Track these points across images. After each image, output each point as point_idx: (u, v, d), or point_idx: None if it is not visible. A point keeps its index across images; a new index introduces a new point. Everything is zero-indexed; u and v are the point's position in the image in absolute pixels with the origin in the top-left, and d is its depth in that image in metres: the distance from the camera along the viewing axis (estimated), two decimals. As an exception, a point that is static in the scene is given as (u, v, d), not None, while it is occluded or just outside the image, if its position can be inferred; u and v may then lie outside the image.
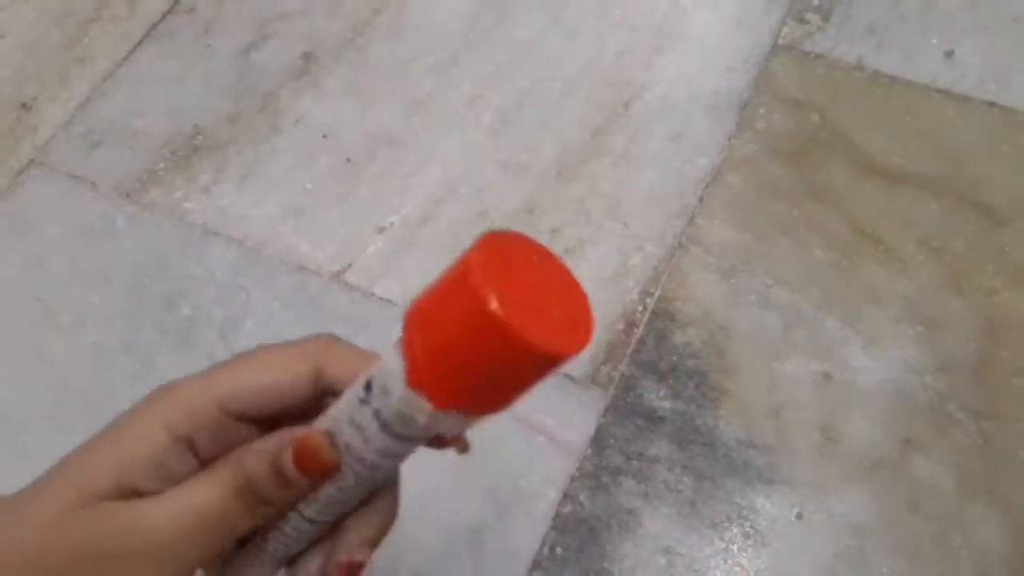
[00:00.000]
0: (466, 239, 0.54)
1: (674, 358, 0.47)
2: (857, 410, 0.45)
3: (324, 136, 0.56)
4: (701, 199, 0.52)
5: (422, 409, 0.21)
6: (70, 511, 0.23)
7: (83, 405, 0.46)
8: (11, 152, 0.56)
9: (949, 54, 0.57)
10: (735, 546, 0.42)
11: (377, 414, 0.22)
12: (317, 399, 0.25)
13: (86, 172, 0.55)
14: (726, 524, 0.42)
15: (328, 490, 0.24)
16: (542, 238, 0.52)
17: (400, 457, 0.24)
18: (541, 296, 0.21)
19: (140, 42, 0.61)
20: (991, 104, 0.54)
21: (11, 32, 0.62)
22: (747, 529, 0.42)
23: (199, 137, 0.56)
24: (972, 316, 0.47)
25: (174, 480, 0.24)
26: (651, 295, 0.49)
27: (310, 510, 0.25)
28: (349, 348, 0.25)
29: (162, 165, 0.55)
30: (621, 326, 0.48)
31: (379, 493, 0.26)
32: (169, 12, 0.62)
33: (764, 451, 0.44)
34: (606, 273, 0.49)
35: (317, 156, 0.55)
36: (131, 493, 0.23)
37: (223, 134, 0.56)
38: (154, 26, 0.62)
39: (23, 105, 0.58)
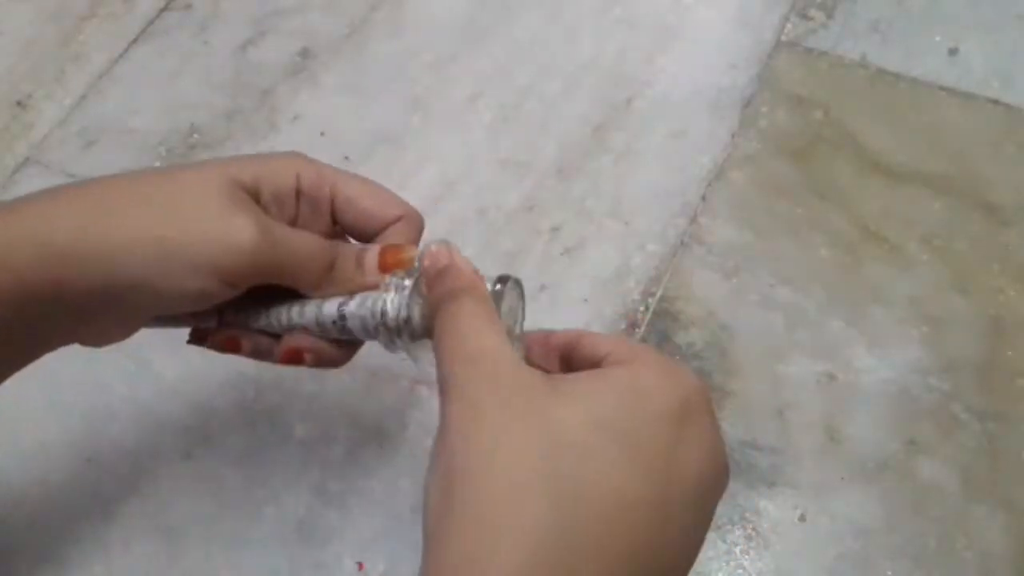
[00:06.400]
0: (466, 238, 0.54)
1: (677, 359, 0.46)
2: (861, 411, 0.44)
3: (322, 134, 0.55)
4: (704, 197, 0.51)
5: None
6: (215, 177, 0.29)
7: (76, 405, 0.46)
8: (7, 150, 0.56)
9: (953, 51, 0.56)
10: (738, 548, 0.41)
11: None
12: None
13: (82, 170, 0.54)
14: (729, 526, 0.42)
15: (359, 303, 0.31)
16: (542, 237, 0.51)
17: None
18: None
19: (136, 39, 0.60)
20: (995, 102, 0.54)
21: (7, 29, 0.61)
22: (750, 531, 0.42)
23: (195, 135, 0.56)
24: (977, 316, 0.47)
25: (279, 207, 0.32)
26: (653, 295, 0.48)
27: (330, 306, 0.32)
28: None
29: (158, 163, 0.55)
30: (623, 326, 0.47)
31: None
32: (165, 9, 0.62)
33: (767, 452, 0.43)
34: (607, 273, 0.49)
35: (315, 154, 0.54)
36: (256, 197, 0.30)
37: (220, 132, 0.56)
38: (150, 23, 0.61)
39: (18, 103, 0.58)
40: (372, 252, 0.32)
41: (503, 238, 0.51)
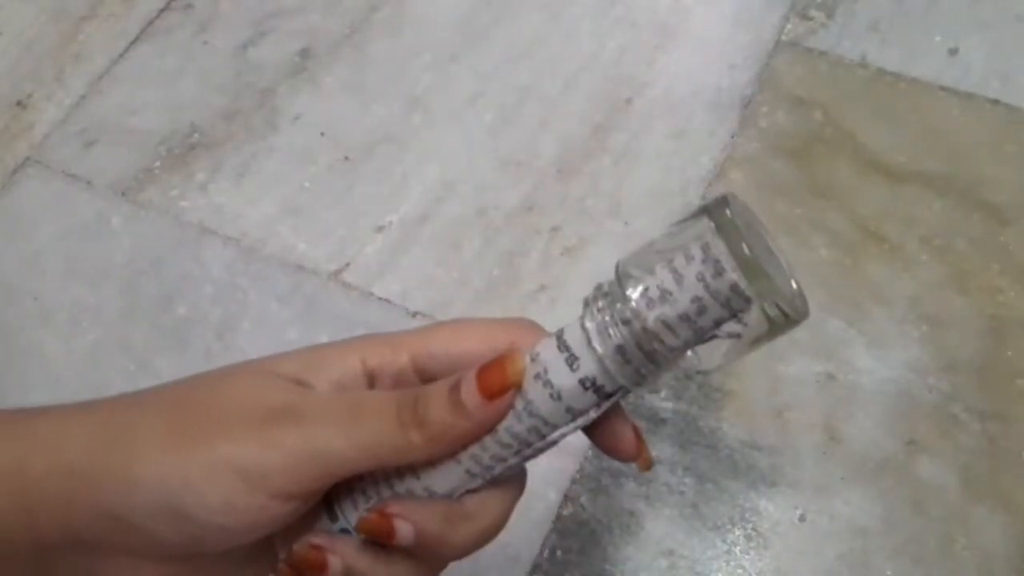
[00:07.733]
0: (465, 238, 0.54)
1: (676, 358, 0.46)
2: (861, 411, 0.44)
3: (322, 134, 0.55)
4: (703, 197, 0.52)
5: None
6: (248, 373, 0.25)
7: (78, 406, 0.46)
8: (7, 150, 0.56)
9: (953, 51, 0.56)
10: (737, 548, 0.41)
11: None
12: None
13: (82, 170, 0.55)
14: (728, 526, 0.42)
15: (476, 449, 0.24)
16: (542, 237, 0.51)
17: (562, 427, 0.24)
18: None
19: (136, 39, 0.60)
20: (995, 102, 0.54)
21: (7, 29, 0.61)
22: (749, 531, 0.42)
23: (195, 135, 0.56)
24: (976, 316, 0.47)
25: None
26: (652, 294, 0.48)
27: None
28: (545, 333, 0.25)
29: (158, 163, 0.55)
30: (622, 326, 0.47)
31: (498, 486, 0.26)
32: (165, 9, 0.62)
33: (767, 452, 0.43)
34: (607, 273, 0.49)
35: (315, 154, 0.55)
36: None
37: (220, 132, 0.56)
38: (150, 23, 0.61)
39: (19, 103, 0.58)
40: (467, 382, 0.23)
41: (503, 238, 0.51)
